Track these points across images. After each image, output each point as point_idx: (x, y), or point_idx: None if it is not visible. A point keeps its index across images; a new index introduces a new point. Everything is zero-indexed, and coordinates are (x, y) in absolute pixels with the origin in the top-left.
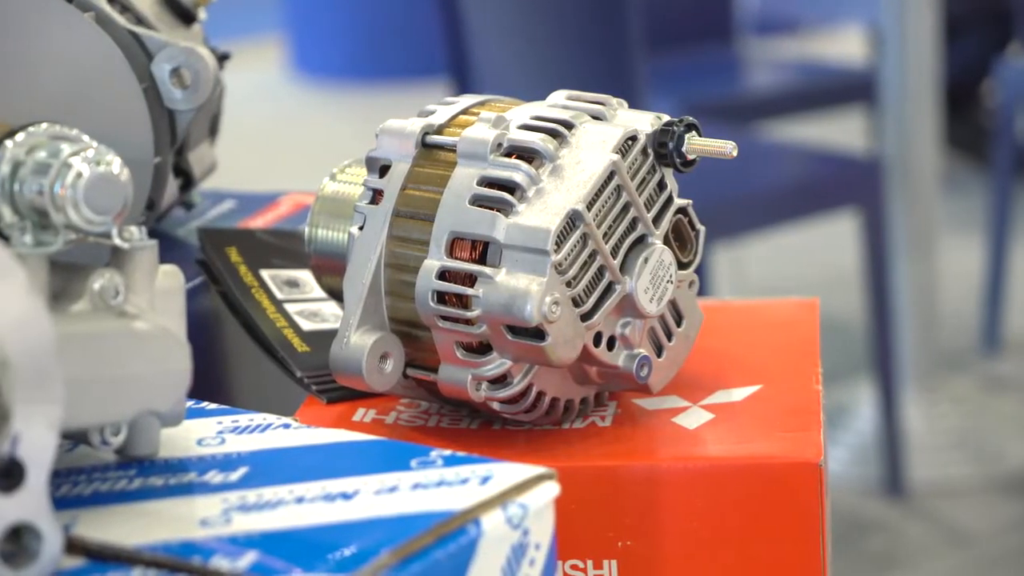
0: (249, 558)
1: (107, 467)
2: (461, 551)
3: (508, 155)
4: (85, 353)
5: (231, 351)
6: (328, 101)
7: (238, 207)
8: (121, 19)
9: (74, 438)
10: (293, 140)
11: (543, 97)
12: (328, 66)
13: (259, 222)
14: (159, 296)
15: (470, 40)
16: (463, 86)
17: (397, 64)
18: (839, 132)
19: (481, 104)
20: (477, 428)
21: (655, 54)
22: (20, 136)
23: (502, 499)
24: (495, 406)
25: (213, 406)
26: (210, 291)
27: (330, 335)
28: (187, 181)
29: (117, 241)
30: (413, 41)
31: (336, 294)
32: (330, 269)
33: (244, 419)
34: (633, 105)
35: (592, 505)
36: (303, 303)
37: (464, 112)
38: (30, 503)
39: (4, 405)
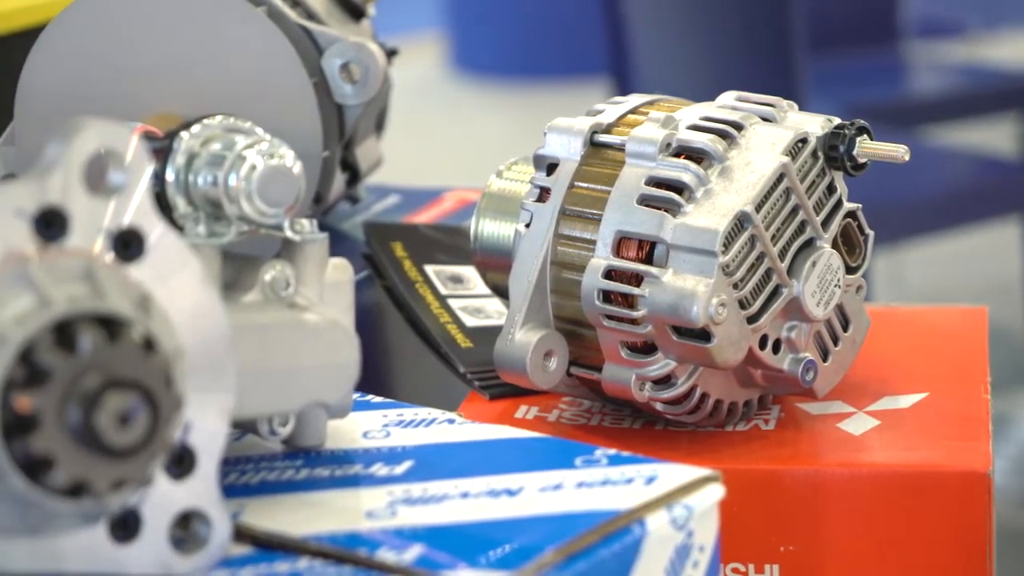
0: (414, 551)
1: (274, 457)
2: (625, 551)
3: (677, 155)
4: (256, 343)
5: (395, 345)
6: (488, 98)
7: (402, 202)
8: (292, 14)
9: (243, 427)
10: (454, 137)
11: (704, 98)
12: (488, 63)
13: (423, 217)
14: (328, 289)
15: (632, 40)
16: (624, 85)
17: (556, 62)
18: (1003, 137)
19: (650, 104)
20: (640, 428)
21: (818, 56)
22: (195, 128)
23: (667, 500)
24: (658, 407)
25: (378, 399)
26: (375, 285)
27: (493, 331)
28: (353, 175)
29: (288, 233)
30: (573, 39)
31: (501, 291)
32: (495, 266)
33: (409, 413)
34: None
35: (755, 508)
36: (467, 299)
37: (633, 111)
38: (200, 490)
39: (178, 393)
